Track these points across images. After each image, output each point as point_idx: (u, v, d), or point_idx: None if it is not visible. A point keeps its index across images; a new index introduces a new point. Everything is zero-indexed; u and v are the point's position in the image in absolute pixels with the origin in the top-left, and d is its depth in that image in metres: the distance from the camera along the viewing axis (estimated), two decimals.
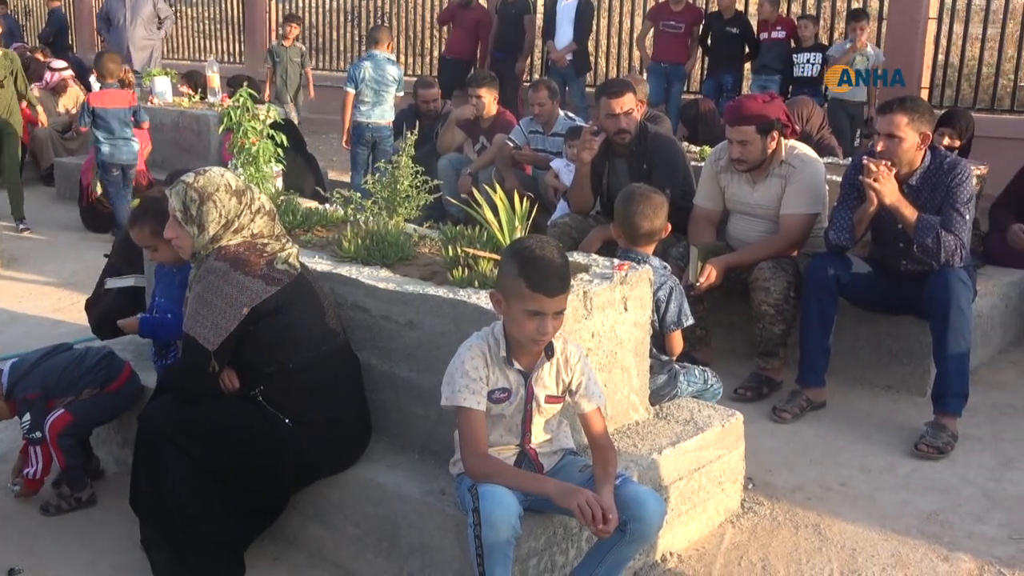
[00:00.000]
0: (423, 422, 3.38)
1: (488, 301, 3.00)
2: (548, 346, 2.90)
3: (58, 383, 3.76)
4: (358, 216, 3.94)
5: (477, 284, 3.30)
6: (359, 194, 4.01)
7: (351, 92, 8.98)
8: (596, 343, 3.35)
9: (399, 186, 3.83)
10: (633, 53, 11.96)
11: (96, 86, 10.77)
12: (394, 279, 3.46)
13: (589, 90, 10.56)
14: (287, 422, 3.18)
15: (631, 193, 4.00)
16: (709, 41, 10.53)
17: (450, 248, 3.57)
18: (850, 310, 4.76)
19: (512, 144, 7.28)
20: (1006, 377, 5.14)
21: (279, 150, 4.32)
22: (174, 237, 3.28)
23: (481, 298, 3.15)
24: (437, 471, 3.24)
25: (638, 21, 11.50)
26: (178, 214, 3.21)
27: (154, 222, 3.67)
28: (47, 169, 10.51)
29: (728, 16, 10.37)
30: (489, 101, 7.83)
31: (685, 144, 6.87)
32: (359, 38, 14.55)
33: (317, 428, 3.21)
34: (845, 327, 4.78)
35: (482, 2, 11.84)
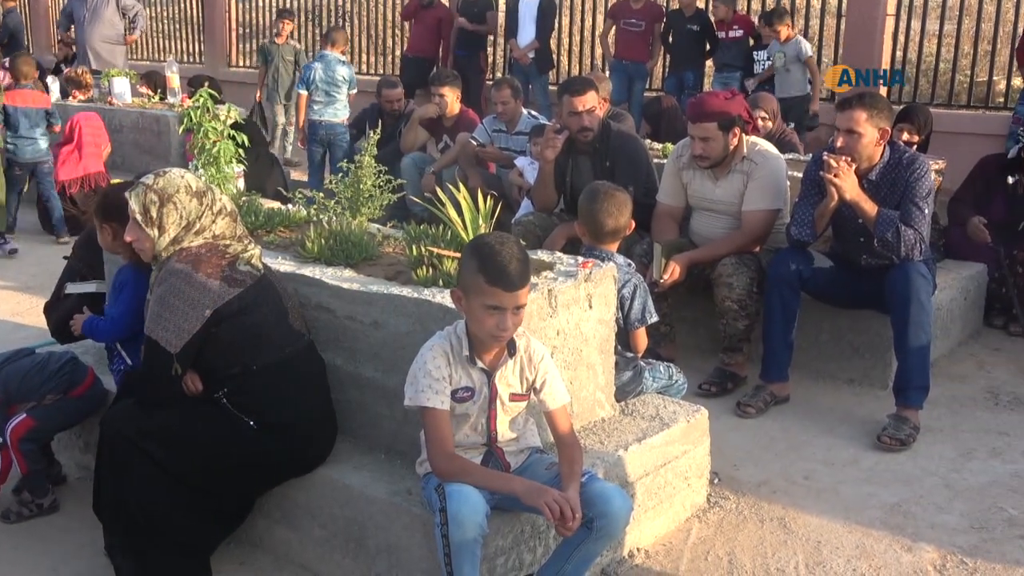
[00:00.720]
0: (389, 422, 3.37)
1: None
2: (511, 344, 2.90)
3: (20, 388, 3.71)
4: (321, 216, 3.92)
5: (442, 283, 3.29)
6: (322, 194, 3.99)
7: (304, 94, 9.52)
8: (561, 341, 3.35)
9: (362, 186, 3.81)
10: (596, 50, 11.98)
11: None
12: (358, 279, 3.45)
13: (552, 88, 10.56)
14: (251, 424, 3.16)
15: (595, 191, 4.01)
16: (670, 38, 10.57)
17: (414, 247, 3.56)
18: (812, 305, 4.79)
19: (476, 142, 7.27)
20: (965, 369, 5.20)
21: (240, 150, 4.29)
22: (135, 239, 3.24)
23: (446, 297, 3.14)
24: (404, 471, 3.23)
25: (600, 19, 11.52)
26: (138, 216, 3.18)
27: (116, 225, 3.63)
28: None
29: (689, 13, 10.40)
30: (452, 100, 7.82)
31: (648, 141, 6.91)
32: (321, 37, 14.46)
33: (282, 430, 3.19)
34: (808, 322, 4.82)
35: (444, 1, 11.81)
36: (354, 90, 9.74)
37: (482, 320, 2.80)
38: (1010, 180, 5.96)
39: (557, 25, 11.49)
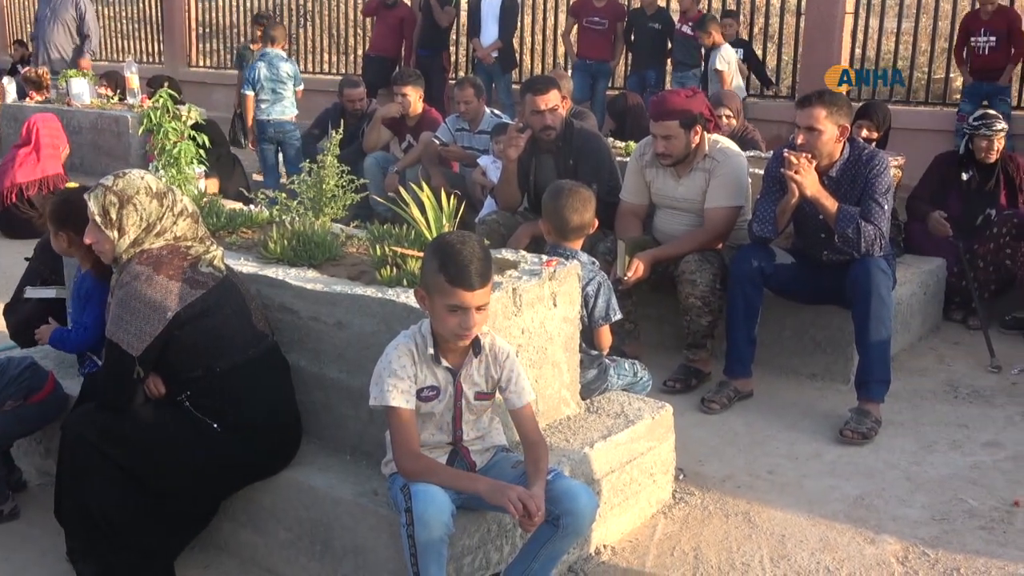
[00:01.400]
0: (354, 423, 3.35)
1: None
2: (475, 343, 2.90)
3: None
4: (284, 217, 3.89)
5: (406, 283, 3.28)
6: (284, 194, 3.97)
7: (250, 95, 9.40)
8: (526, 339, 3.36)
9: (325, 186, 3.79)
10: (558, 49, 12.00)
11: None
12: (322, 279, 3.43)
13: (515, 87, 10.57)
14: (215, 427, 3.13)
15: (559, 188, 4.01)
16: (632, 37, 10.61)
17: (378, 247, 3.55)
18: (775, 301, 4.83)
19: (439, 142, 7.26)
20: (926, 363, 5.27)
21: (201, 151, 4.26)
22: (94, 242, 3.20)
23: (410, 297, 3.13)
24: (369, 472, 3.22)
25: (562, 17, 11.53)
26: (97, 218, 3.14)
27: (71, 231, 3.59)
28: None
29: (651, 12, 10.46)
30: (415, 99, 7.80)
31: (611, 139, 6.93)
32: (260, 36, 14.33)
33: (246, 432, 3.17)
34: (770, 318, 4.85)
35: (406, 0, 11.78)
36: (300, 86, 9.66)
37: (445, 319, 2.79)
38: (964, 176, 6.04)
39: (520, 24, 11.50)
